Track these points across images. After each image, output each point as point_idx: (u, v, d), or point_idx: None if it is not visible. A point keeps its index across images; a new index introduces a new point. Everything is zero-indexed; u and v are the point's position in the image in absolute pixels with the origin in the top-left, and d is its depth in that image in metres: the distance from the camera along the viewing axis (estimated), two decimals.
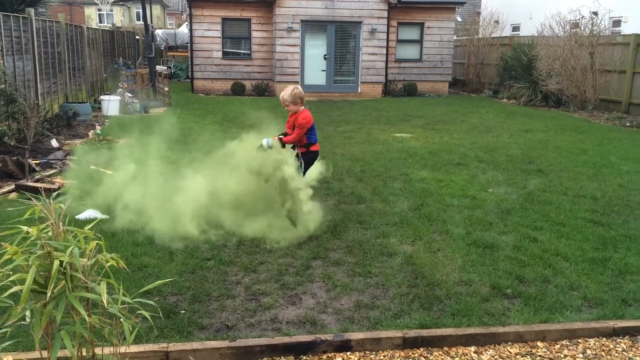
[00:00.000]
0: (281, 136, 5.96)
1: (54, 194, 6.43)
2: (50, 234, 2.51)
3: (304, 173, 6.10)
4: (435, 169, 8.22)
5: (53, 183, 7.07)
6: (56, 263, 2.24)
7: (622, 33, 17.26)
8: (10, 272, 2.36)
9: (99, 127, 10.92)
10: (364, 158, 9.00)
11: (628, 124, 13.28)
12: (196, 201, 6.14)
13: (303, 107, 5.88)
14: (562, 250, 5.01)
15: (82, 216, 5.81)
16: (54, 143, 9.57)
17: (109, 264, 2.60)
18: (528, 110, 15.82)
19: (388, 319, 3.84)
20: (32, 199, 6.05)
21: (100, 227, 5.48)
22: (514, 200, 6.61)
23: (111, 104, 13.40)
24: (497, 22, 23.44)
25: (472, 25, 24.54)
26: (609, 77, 15.60)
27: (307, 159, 6.03)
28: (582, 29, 15.76)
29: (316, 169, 6.55)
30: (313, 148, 5.95)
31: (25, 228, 2.52)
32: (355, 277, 4.51)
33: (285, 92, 5.81)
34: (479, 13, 36.27)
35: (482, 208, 6.27)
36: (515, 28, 25.11)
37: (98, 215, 5.86)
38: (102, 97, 13.86)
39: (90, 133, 10.92)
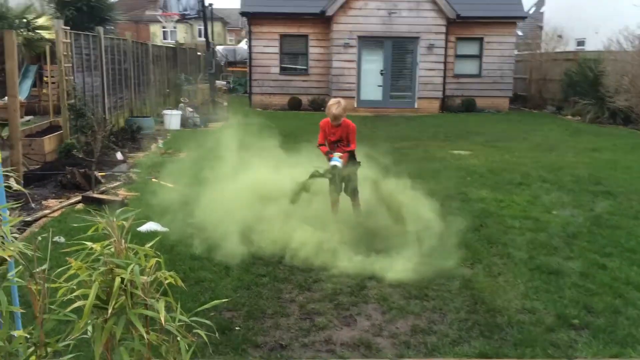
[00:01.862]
0: (345, 151, 6.00)
1: (119, 207, 6.66)
2: (112, 250, 2.56)
3: (351, 179, 6.13)
4: (495, 189, 7.98)
5: (117, 195, 7.31)
6: (117, 280, 2.27)
7: None
8: (75, 287, 2.42)
9: (161, 141, 11.25)
10: (420, 175, 8.81)
11: None
12: (254, 216, 6.19)
13: None
14: (634, 279, 4.71)
15: (143, 228, 5.96)
16: (119, 156, 9.93)
17: (167, 281, 2.62)
18: (594, 128, 15.18)
19: (446, 346, 3.71)
20: (97, 211, 6.26)
21: (160, 239, 5.60)
22: (580, 224, 6.30)
23: (173, 118, 13.82)
24: (560, 36, 22.73)
25: (534, 39, 23.91)
26: None
27: (355, 167, 6.13)
28: None
29: None
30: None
31: (89, 244, 2.57)
32: (412, 300, 4.39)
33: (337, 109, 5.81)
34: (540, 27, 35.41)
35: (546, 231, 6.01)
36: (580, 43, 24.26)
37: (158, 228, 6.01)
38: (164, 111, 14.32)
39: (153, 146, 11.27)
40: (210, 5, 15.73)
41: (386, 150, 11.21)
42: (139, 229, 5.93)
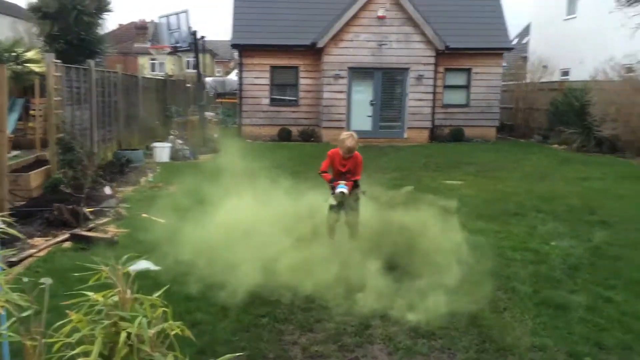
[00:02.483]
0: (351, 180, 6.18)
1: (109, 245, 6.47)
2: (115, 299, 2.41)
3: (353, 208, 6.25)
4: (491, 219, 7.92)
5: (106, 232, 7.13)
6: (123, 335, 2.13)
7: None
8: (74, 343, 2.27)
9: (151, 175, 11.09)
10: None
11: None
12: (249, 252, 6.06)
13: None
14: None
15: (134, 268, 5.74)
16: (107, 190, 9.74)
17: (173, 332, 2.48)
18: (581, 157, 15.30)
19: None
20: (84, 249, 6.04)
21: (153, 279, 5.43)
22: (580, 255, 6.23)
23: (162, 151, 13.68)
24: (545, 67, 23.11)
25: (519, 69, 24.28)
26: None
27: (356, 196, 6.28)
28: (638, 73, 15.29)
29: None
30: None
31: (90, 294, 2.43)
32: (419, 339, 4.25)
33: (351, 142, 6.04)
34: (524, 58, 36.03)
35: (547, 263, 5.93)
36: (565, 73, 24.67)
37: (151, 266, 5.76)
38: (154, 144, 14.19)
39: (142, 180, 11.10)
40: (203, 37, 15.78)
41: (378, 181, 11.19)
42: (130, 268, 5.70)
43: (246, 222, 7.51)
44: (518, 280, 5.41)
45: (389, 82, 19.53)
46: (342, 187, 6.02)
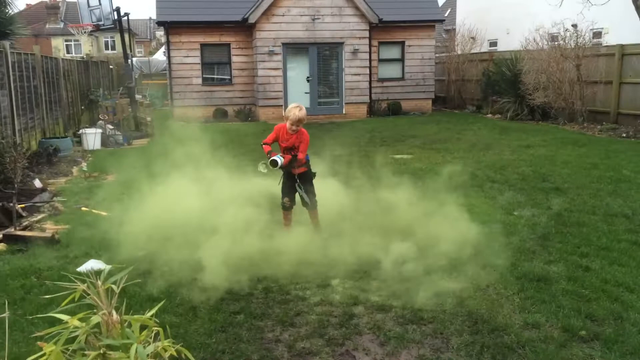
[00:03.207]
0: (294, 154, 5.82)
1: (49, 244, 5.82)
2: (95, 320, 1.97)
3: (309, 191, 5.95)
4: (449, 192, 7.80)
5: (44, 230, 6.43)
6: None
7: (603, 44, 17.37)
8: None
9: (84, 164, 10.25)
10: (369, 184, 8.56)
11: (624, 135, 13.18)
12: (209, 240, 5.64)
13: None
14: (623, 280, 4.61)
15: (83, 268, 5.19)
16: (37, 183, 8.89)
17: (167, 353, 2.08)
18: (518, 125, 15.66)
19: None
20: (21, 251, 5.39)
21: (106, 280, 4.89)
22: (545, 224, 6.23)
23: (93, 137, 12.72)
24: (473, 38, 23.49)
25: (449, 42, 24.59)
26: (595, 88, 15.58)
27: (309, 177, 6.01)
28: (566, 41, 15.73)
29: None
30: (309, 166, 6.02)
31: (64, 317, 1.97)
32: (408, 326, 4.01)
33: (301, 112, 5.72)
34: (447, 30, 36.65)
35: (517, 234, 5.86)
36: (493, 43, 25.23)
37: (101, 265, 5.24)
38: (83, 130, 13.19)
39: (75, 170, 10.25)
40: (127, 14, 14.73)
41: (327, 158, 10.91)
42: (78, 269, 5.16)
43: (197, 210, 7.04)
44: (492, 254, 5.28)
45: (324, 57, 19.19)
46: (277, 158, 5.68)
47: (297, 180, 5.91)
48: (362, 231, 5.85)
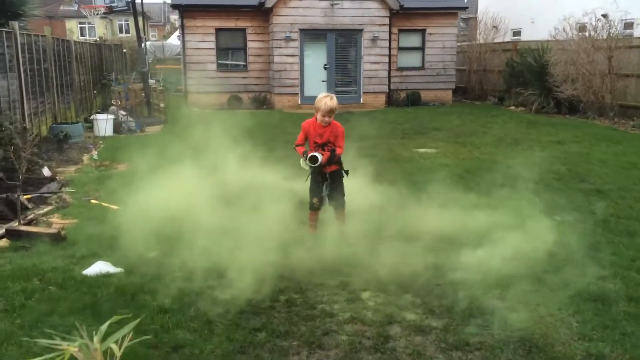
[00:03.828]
0: (332, 149, 5.38)
1: (55, 242, 5.41)
2: None
3: (338, 190, 5.50)
4: (481, 193, 7.30)
5: (50, 225, 6.02)
6: None
7: (635, 35, 16.61)
8: None
9: (95, 152, 9.84)
10: (396, 180, 8.07)
11: None
12: (226, 242, 5.21)
13: None
14: None
15: (90, 271, 4.77)
16: (46, 172, 8.50)
17: None
18: (545, 119, 15.03)
19: None
20: (30, 248, 4.96)
21: (114, 285, 4.47)
22: (592, 231, 5.71)
23: (104, 124, 12.30)
24: (495, 27, 22.74)
25: (471, 30, 23.84)
26: (627, 81, 14.90)
27: (340, 175, 5.57)
28: (598, 32, 15.02)
29: None
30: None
31: None
32: (453, 352, 3.54)
33: (332, 101, 5.28)
34: (464, 19, 35.69)
35: (562, 243, 5.34)
36: (516, 33, 24.45)
37: (110, 269, 4.83)
38: (95, 116, 12.78)
39: (85, 158, 9.84)
40: None
41: (349, 151, 10.40)
42: (85, 272, 4.75)
43: (214, 206, 6.61)
44: (539, 266, 4.78)
45: (342, 44, 18.59)
46: (317, 154, 5.22)
47: (327, 179, 5.43)
48: (392, 236, 5.38)
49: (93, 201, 6.92)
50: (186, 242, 5.44)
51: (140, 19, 14.56)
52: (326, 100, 5.22)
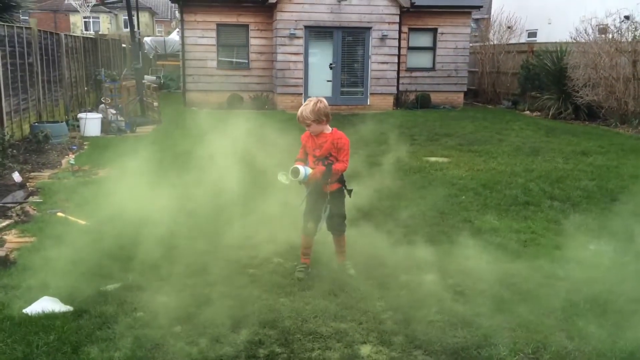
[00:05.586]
0: (328, 162, 4.48)
1: (3, 267, 4.58)
2: None
3: (338, 213, 4.60)
4: (501, 212, 6.43)
5: (3, 245, 5.19)
6: None
7: None
8: None
9: (72, 156, 9.00)
10: (404, 194, 7.22)
11: None
12: (199, 274, 4.40)
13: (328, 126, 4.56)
14: None
15: (32, 309, 3.92)
16: (16, 177, 7.68)
17: None
18: (564, 125, 14.09)
19: None
20: None
21: (58, 331, 3.63)
22: (637, 269, 4.81)
23: (91, 123, 11.50)
24: (510, 27, 21.79)
25: (484, 31, 22.90)
26: None
27: (342, 196, 4.68)
28: (622, 34, 14.08)
29: None
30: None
31: None
32: None
33: (306, 109, 4.40)
34: (476, 20, 34.69)
35: (602, 282, 4.45)
36: (531, 34, 23.47)
37: (57, 306, 3.98)
38: (80, 114, 11.97)
39: (64, 161, 9.02)
40: None
41: (352, 158, 9.49)
42: (26, 310, 3.91)
43: (203, 224, 5.83)
44: (579, 315, 3.91)
45: (349, 42, 17.70)
46: (301, 167, 4.36)
47: (328, 201, 4.56)
48: (400, 270, 4.52)
49: (59, 214, 6.09)
50: (157, 271, 4.63)
51: (143, 14, 13.73)
52: (301, 107, 4.46)
